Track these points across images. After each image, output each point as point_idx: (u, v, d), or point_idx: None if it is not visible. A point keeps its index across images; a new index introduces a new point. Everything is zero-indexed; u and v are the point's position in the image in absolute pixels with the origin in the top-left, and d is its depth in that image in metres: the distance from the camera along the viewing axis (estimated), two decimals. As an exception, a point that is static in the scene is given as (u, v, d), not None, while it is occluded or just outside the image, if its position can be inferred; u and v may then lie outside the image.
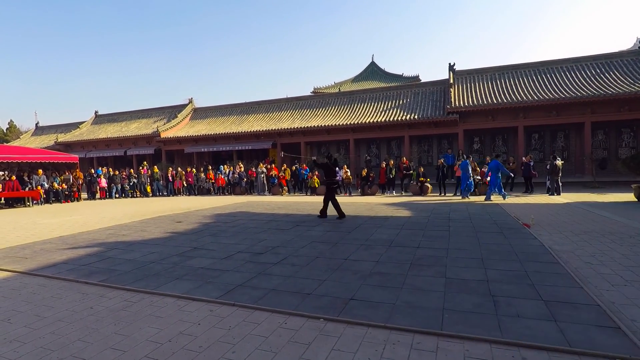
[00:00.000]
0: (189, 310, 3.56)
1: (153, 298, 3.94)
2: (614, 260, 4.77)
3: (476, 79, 23.14)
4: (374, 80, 38.80)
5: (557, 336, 2.84)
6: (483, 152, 21.52)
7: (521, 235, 6.50)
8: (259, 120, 27.19)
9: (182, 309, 3.61)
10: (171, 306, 3.69)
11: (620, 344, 2.69)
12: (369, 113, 23.74)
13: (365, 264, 4.96)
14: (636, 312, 3.23)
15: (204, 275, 4.65)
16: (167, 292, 4.06)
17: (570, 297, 3.58)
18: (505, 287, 3.94)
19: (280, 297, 3.85)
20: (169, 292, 4.08)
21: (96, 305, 3.79)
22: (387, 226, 7.83)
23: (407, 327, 3.08)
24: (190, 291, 4.08)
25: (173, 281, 4.46)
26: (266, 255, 5.62)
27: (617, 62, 20.75)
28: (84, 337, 3.07)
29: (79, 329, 3.24)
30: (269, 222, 8.87)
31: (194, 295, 3.92)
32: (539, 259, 4.92)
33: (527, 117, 19.70)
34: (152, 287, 4.28)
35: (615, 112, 18.27)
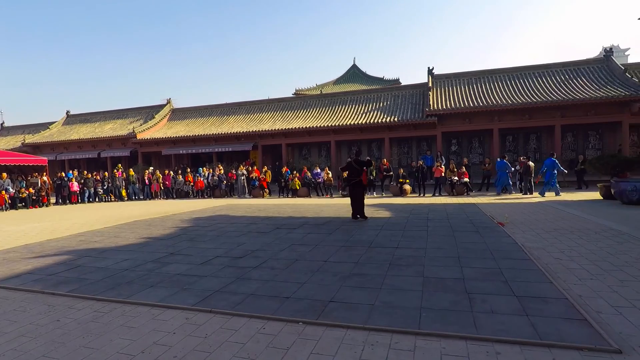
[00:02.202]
0: (164, 319, 3.46)
1: (125, 307, 3.81)
2: (581, 256, 4.96)
3: (454, 83, 23.66)
4: (356, 83, 39.12)
5: (529, 330, 2.93)
6: (460, 154, 21.98)
7: (496, 233, 6.67)
8: (239, 122, 26.94)
9: (157, 317, 3.51)
10: (145, 315, 3.58)
11: (586, 334, 2.79)
12: (351, 115, 23.90)
13: (345, 266, 4.98)
14: (601, 304, 3.37)
15: (180, 282, 4.55)
16: (141, 301, 3.94)
17: (541, 292, 3.70)
18: (481, 284, 4.04)
19: (259, 301, 3.81)
20: (142, 300, 3.95)
21: (63, 318, 3.62)
22: (367, 227, 7.89)
23: (385, 327, 3.10)
24: (166, 299, 3.97)
25: (147, 289, 4.34)
26: (245, 259, 5.56)
27: (585, 69, 21.66)
28: (49, 353, 2.93)
29: (44, 344, 3.08)
30: (249, 225, 8.79)
31: (169, 303, 3.82)
32: (512, 256, 5.07)
33: (501, 120, 20.27)
34: (125, 296, 4.14)
35: (582, 116, 19.04)
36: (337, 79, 40.93)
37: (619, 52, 68.94)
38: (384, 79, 39.60)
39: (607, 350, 2.57)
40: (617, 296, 3.55)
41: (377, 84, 37.08)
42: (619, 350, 2.55)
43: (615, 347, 2.58)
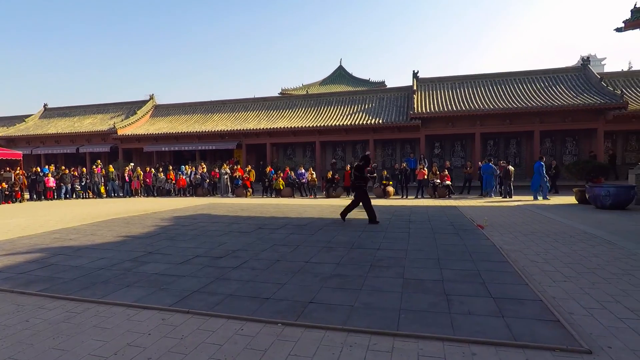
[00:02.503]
0: (139, 320, 3.38)
1: (99, 308, 3.70)
2: (556, 258, 5.09)
3: (438, 87, 24.01)
4: (342, 84, 39.23)
5: (504, 331, 2.98)
6: (443, 157, 22.30)
7: (475, 236, 6.78)
8: (223, 120, 26.66)
9: (132, 318, 3.42)
10: (119, 316, 3.48)
11: (559, 335, 2.86)
12: (336, 116, 23.95)
13: (326, 267, 4.97)
14: (573, 306, 3.46)
15: (157, 282, 4.45)
16: (116, 301, 3.83)
17: (517, 294, 3.78)
18: (459, 286, 4.09)
19: (238, 302, 3.76)
20: (117, 300, 3.85)
21: (33, 318, 3.49)
22: (350, 228, 7.91)
23: (364, 328, 3.10)
24: (142, 299, 3.88)
25: (123, 289, 4.23)
26: (226, 259, 5.49)
27: (563, 77, 22.32)
28: (16, 354, 2.81)
29: (10, 346, 2.95)
30: (231, 224, 8.69)
31: (145, 304, 3.73)
32: (491, 259, 5.16)
33: (483, 124, 20.68)
34: (99, 295, 4.02)
35: (560, 122, 19.61)
36: (323, 79, 40.95)
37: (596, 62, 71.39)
38: (370, 81, 39.85)
39: (578, 350, 2.64)
40: (589, 298, 3.65)
41: (363, 86, 37.27)
42: (589, 351, 2.62)
43: (585, 347, 2.65)
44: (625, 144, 20.76)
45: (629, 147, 20.66)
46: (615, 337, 2.84)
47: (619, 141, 20.77)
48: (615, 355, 2.59)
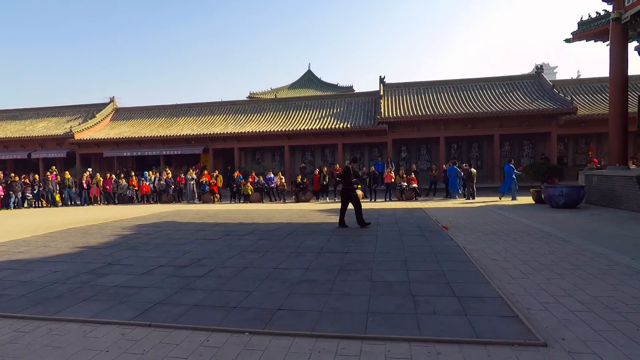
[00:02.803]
0: (96, 336, 3.19)
1: (52, 325, 3.47)
2: (515, 257, 5.32)
3: (404, 92, 24.63)
4: (310, 89, 39.35)
5: (467, 329, 3.07)
6: (410, 160, 22.86)
7: (440, 237, 6.98)
8: (189, 124, 25.99)
9: (88, 335, 3.23)
10: (74, 333, 3.27)
11: (518, 330, 2.99)
12: (305, 120, 23.98)
13: (294, 272, 4.94)
14: (531, 301, 3.63)
15: (117, 295, 4.25)
16: (70, 317, 3.60)
17: (479, 292, 3.91)
18: (425, 286, 4.18)
19: (203, 312, 3.66)
20: (72, 316, 3.62)
21: (-24, 339, 3.22)
22: (319, 232, 7.91)
23: (332, 333, 3.10)
24: (100, 314, 3.67)
25: (79, 303, 3.99)
26: (191, 268, 5.33)
27: (519, 83, 23.56)
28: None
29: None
30: (197, 232, 8.46)
31: (103, 318, 3.53)
32: (455, 259, 5.32)
33: (447, 128, 21.40)
34: (52, 312, 3.77)
35: (517, 126, 20.66)
36: (292, 83, 40.95)
37: (549, 70, 75.89)
38: (338, 86, 40.24)
39: (535, 344, 2.76)
40: (545, 293, 3.84)
41: (332, 91, 37.61)
42: (544, 344, 2.75)
43: (541, 341, 2.78)
44: (575, 146, 22.16)
45: (579, 149, 22.07)
46: (567, 329, 3.00)
47: (570, 144, 22.14)
48: (568, 346, 2.73)
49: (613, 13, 10.21)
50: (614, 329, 2.98)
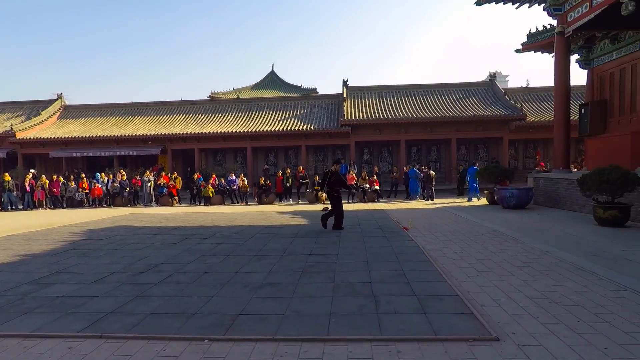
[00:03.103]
0: (39, 352, 2.94)
1: (-13, 341, 3.18)
2: (470, 255, 5.57)
3: (366, 95, 25.11)
4: (274, 90, 39.08)
5: (426, 327, 3.17)
6: (372, 163, 23.31)
7: (401, 237, 7.16)
8: (146, 124, 24.96)
9: (30, 350, 2.97)
10: (14, 349, 3.00)
11: (473, 326, 3.12)
12: (268, 121, 23.78)
13: (257, 276, 4.87)
14: (484, 298, 3.80)
15: (64, 305, 3.96)
16: (9, 332, 3.31)
17: (437, 291, 4.05)
18: (386, 286, 4.27)
19: (160, 321, 3.51)
20: (11, 331, 3.32)
21: None
22: (282, 235, 7.86)
23: (295, 337, 3.08)
24: (44, 327, 3.40)
25: (19, 317, 3.68)
26: (147, 274, 5.10)
27: (475, 90, 24.79)
28: None
29: None
30: (154, 236, 8.12)
31: (47, 332, 3.27)
32: (414, 259, 5.48)
33: (408, 132, 22.07)
34: (-13, 327, 3.46)
35: (473, 131, 21.71)
36: (255, 84, 40.47)
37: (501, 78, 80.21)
38: (302, 88, 40.27)
39: (488, 339, 2.90)
40: (497, 290, 4.04)
41: (295, 92, 37.58)
42: (497, 338, 2.89)
43: (494, 335, 2.93)
44: (525, 151, 23.62)
45: (528, 154, 23.55)
46: (517, 324, 3.17)
47: (520, 148, 23.57)
48: (518, 339, 2.89)
49: (557, 27, 10.99)
50: (558, 322, 3.19)
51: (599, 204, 7.75)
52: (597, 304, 3.55)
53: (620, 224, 7.51)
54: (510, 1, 11.89)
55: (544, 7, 11.19)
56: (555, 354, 2.66)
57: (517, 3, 11.89)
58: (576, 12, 10.16)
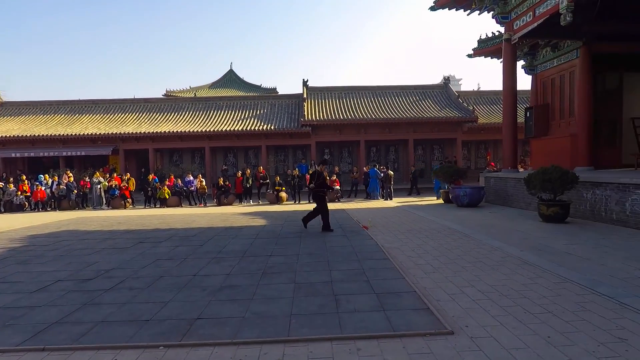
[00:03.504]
0: (-27, 366, 2.71)
1: None
2: (427, 253, 5.77)
3: (326, 96, 25.27)
4: (232, 88, 38.31)
5: (385, 324, 3.23)
6: (332, 163, 23.51)
7: (360, 236, 7.28)
8: (95, 122, 23.54)
9: (-39, 366, 2.73)
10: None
11: (429, 321, 3.23)
12: (227, 121, 23.27)
13: (215, 279, 4.74)
14: (440, 294, 3.95)
15: (0, 317, 3.64)
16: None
17: (395, 288, 4.15)
18: (346, 285, 4.31)
19: (111, 329, 3.31)
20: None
21: None
22: (242, 236, 7.72)
23: (254, 339, 3.03)
24: (-23, 340, 3.12)
25: (-51, 330, 3.35)
26: (96, 281, 4.80)
27: (430, 92, 25.74)
28: None
29: None
30: (104, 241, 7.68)
31: (-18, 346, 3.01)
32: (374, 257, 5.58)
33: (367, 132, 22.49)
34: None
35: (429, 132, 22.54)
36: (212, 83, 39.46)
37: (455, 81, 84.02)
38: (262, 87, 39.83)
39: (443, 333, 3.01)
40: (452, 285, 4.21)
41: (255, 92, 37.09)
42: (451, 332, 3.01)
43: (449, 329, 3.04)
44: (477, 151, 24.87)
45: (479, 154, 24.82)
46: (470, 317, 3.32)
47: (472, 149, 24.78)
48: (470, 332, 3.02)
49: (505, 34, 11.67)
50: (507, 314, 3.38)
51: (543, 202, 8.31)
52: (541, 296, 3.80)
53: (562, 220, 8.10)
54: (462, 8, 12.48)
55: (492, 15, 11.85)
56: (504, 344, 2.82)
57: (468, 10, 12.50)
58: (521, 21, 10.85)
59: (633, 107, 11.67)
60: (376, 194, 16.44)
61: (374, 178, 16.45)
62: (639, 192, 6.98)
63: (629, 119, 11.60)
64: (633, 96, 11.67)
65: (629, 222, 7.19)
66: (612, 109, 11.62)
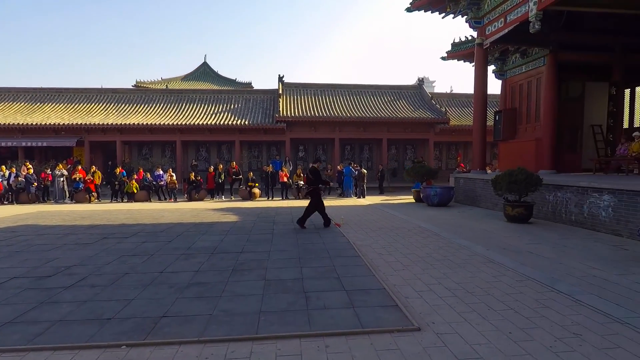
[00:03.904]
0: None
1: None
2: (397, 250, 5.86)
3: (302, 93, 25.18)
4: (206, 82, 37.48)
5: (354, 320, 3.25)
6: (307, 160, 23.48)
7: (333, 233, 7.31)
8: (59, 112, 22.42)
9: None
10: None
11: (397, 318, 3.28)
12: (199, 114, 22.74)
13: (183, 275, 4.63)
14: (409, 291, 4.02)
15: (-53, 315, 3.41)
16: None
17: (365, 285, 4.19)
18: (317, 282, 4.31)
19: (69, 328, 3.17)
20: None
21: None
22: (212, 232, 7.57)
23: (221, 337, 2.98)
24: None
25: None
26: (55, 278, 4.58)
27: (404, 93, 26.16)
28: None
29: None
30: (66, 236, 7.33)
31: None
32: (345, 254, 5.62)
33: (342, 130, 22.58)
34: None
35: (402, 132, 22.92)
36: (185, 75, 38.43)
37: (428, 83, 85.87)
38: (237, 81, 39.19)
39: (410, 329, 3.06)
40: (420, 282, 4.30)
41: (229, 85, 36.45)
42: (418, 328, 3.07)
43: (416, 326, 3.10)
44: (448, 152, 25.52)
45: (450, 155, 25.49)
46: (437, 314, 3.40)
47: (443, 150, 25.40)
48: (436, 328, 3.10)
49: (477, 39, 12.01)
50: (472, 310, 3.48)
51: (509, 202, 8.63)
52: (504, 293, 3.94)
53: (525, 220, 8.45)
54: (438, 11, 12.73)
55: (466, 19, 12.16)
56: (468, 340, 2.90)
57: (443, 13, 12.77)
58: (493, 26, 11.19)
59: (593, 115, 12.30)
60: (350, 192, 16.56)
61: (348, 176, 16.57)
62: (595, 196, 7.38)
63: (590, 126, 12.23)
64: (593, 105, 12.29)
65: (586, 223, 7.58)
66: (575, 116, 12.20)
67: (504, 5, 10.48)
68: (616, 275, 4.52)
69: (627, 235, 6.59)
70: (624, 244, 6.20)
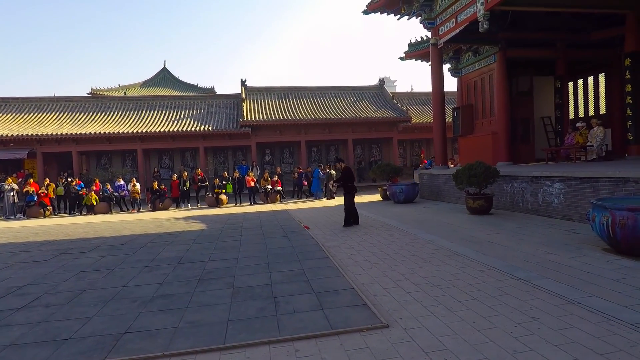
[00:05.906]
0: None
1: None
2: (366, 249, 5.93)
3: (266, 96, 24.98)
4: (166, 88, 36.36)
5: (323, 322, 3.26)
6: (274, 163, 23.32)
7: (302, 236, 7.29)
8: (6, 122, 20.96)
9: None
10: None
11: (366, 317, 3.31)
12: (161, 121, 22.02)
13: (147, 289, 4.45)
14: (377, 288, 4.08)
15: None
16: None
17: (335, 286, 4.21)
18: (286, 287, 4.28)
19: (21, 352, 2.97)
20: None
21: None
22: (178, 242, 7.35)
23: (188, 349, 2.89)
24: None
25: None
26: (6, 299, 4.28)
27: (367, 93, 26.58)
28: None
29: None
30: (17, 254, 6.87)
31: None
32: (314, 256, 5.62)
33: (308, 133, 22.61)
34: None
35: (367, 131, 23.27)
36: (144, 81, 37.10)
37: (390, 83, 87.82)
38: (198, 87, 38.30)
39: (379, 327, 3.10)
40: (388, 279, 4.37)
41: (191, 91, 35.59)
42: (386, 325, 3.12)
43: (384, 323, 3.15)
44: (411, 150, 26.17)
45: (414, 152, 26.15)
46: (405, 309, 3.47)
47: (407, 148, 26.03)
48: (404, 324, 3.16)
49: (432, 39, 12.41)
50: (438, 303, 3.58)
51: (470, 195, 8.96)
52: (467, 284, 4.08)
53: (486, 212, 8.80)
54: (393, 13, 13.04)
55: (420, 20, 12.53)
56: (435, 332, 2.98)
57: (398, 15, 13.10)
58: (446, 27, 11.60)
59: (542, 107, 13.04)
60: (319, 194, 16.61)
61: (317, 178, 16.62)
62: (548, 184, 7.81)
63: (540, 118, 12.95)
64: (542, 97, 13.05)
65: (541, 211, 8.01)
66: (526, 109, 12.88)
67: (454, 6, 10.90)
68: (569, 259, 4.79)
69: (577, 219, 7.02)
70: (575, 228, 6.60)
